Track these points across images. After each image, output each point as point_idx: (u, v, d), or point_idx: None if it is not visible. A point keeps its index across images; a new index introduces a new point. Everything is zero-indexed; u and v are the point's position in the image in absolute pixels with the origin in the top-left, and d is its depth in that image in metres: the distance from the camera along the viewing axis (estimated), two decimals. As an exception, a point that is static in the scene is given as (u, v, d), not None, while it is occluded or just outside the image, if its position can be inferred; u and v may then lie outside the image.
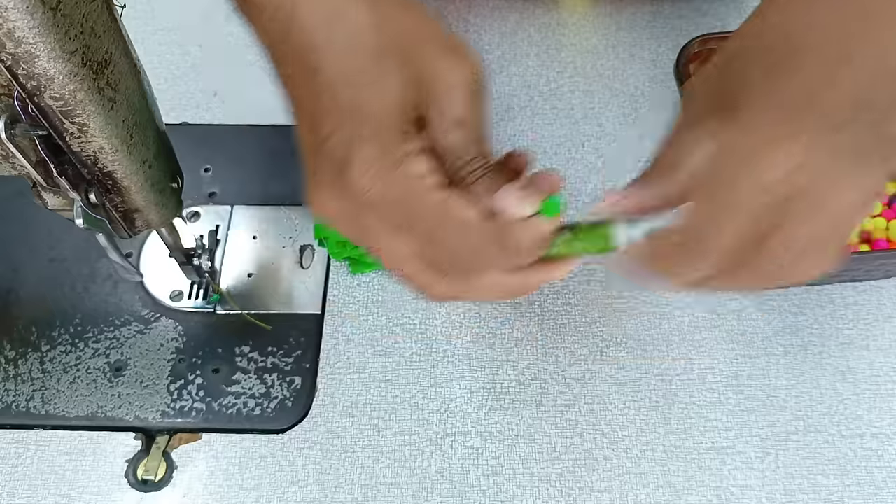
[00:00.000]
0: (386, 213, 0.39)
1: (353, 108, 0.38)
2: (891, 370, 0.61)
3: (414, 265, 0.41)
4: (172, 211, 0.52)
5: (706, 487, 0.57)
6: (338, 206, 0.40)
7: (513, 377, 0.61)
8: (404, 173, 0.38)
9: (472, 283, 0.42)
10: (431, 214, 0.38)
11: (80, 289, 0.66)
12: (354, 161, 0.38)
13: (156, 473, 0.58)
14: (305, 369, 0.62)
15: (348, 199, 0.39)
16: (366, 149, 0.38)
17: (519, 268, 0.41)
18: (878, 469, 0.57)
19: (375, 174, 0.38)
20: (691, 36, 0.70)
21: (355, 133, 0.38)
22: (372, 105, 0.38)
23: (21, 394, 0.61)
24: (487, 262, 0.40)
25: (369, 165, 0.38)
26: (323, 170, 0.40)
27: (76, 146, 0.42)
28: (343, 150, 0.38)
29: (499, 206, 0.39)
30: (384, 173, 0.38)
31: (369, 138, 0.38)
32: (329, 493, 0.58)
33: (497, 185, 0.40)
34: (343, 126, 0.38)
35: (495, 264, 0.41)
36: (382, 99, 0.38)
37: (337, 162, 0.38)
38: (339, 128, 0.38)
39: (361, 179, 0.38)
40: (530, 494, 0.57)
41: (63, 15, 0.36)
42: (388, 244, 0.40)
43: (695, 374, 0.61)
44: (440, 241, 0.39)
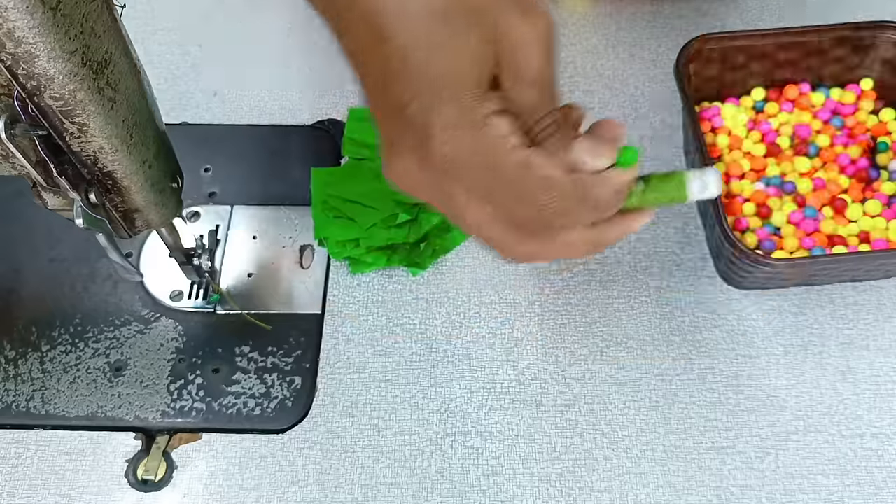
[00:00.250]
0: (470, 177, 0.39)
1: (430, 73, 0.37)
2: (891, 370, 0.61)
3: (497, 227, 0.41)
4: (172, 211, 0.52)
5: (706, 487, 0.57)
6: (419, 175, 0.40)
7: (513, 377, 0.61)
8: (487, 135, 0.38)
9: (555, 241, 0.42)
10: (516, 175, 0.38)
11: (80, 289, 0.66)
12: (436, 127, 0.37)
13: (156, 473, 0.58)
14: (305, 369, 0.62)
15: (431, 168, 0.39)
16: (446, 113, 0.37)
17: (600, 222, 0.42)
18: (878, 469, 0.57)
19: (459, 139, 0.38)
20: (691, 36, 0.69)
21: (434, 98, 0.37)
22: (448, 68, 0.37)
23: (21, 394, 0.61)
24: (572, 218, 0.41)
25: (452, 130, 0.37)
26: (402, 140, 0.39)
27: (76, 146, 0.42)
28: (423, 118, 0.38)
29: (576, 160, 0.39)
30: (467, 137, 0.38)
31: (449, 102, 0.37)
32: (329, 493, 0.58)
33: (570, 140, 0.40)
34: (420, 92, 0.37)
35: (579, 220, 0.41)
36: (458, 61, 0.37)
37: (418, 130, 0.38)
38: (416, 95, 0.37)
39: (444, 147, 0.38)
40: (530, 494, 0.57)
41: (63, 15, 0.36)
42: (471, 208, 0.40)
43: (695, 373, 0.61)
44: (525, 201, 0.39)
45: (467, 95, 0.37)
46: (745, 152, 0.67)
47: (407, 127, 0.38)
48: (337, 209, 0.66)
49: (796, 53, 0.67)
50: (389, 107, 0.39)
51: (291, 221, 0.69)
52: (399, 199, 0.65)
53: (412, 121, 0.38)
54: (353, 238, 0.65)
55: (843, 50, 0.67)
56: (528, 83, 0.38)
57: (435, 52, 0.37)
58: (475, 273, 0.66)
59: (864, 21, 0.66)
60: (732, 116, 0.68)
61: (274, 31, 0.81)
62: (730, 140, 0.67)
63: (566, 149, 0.39)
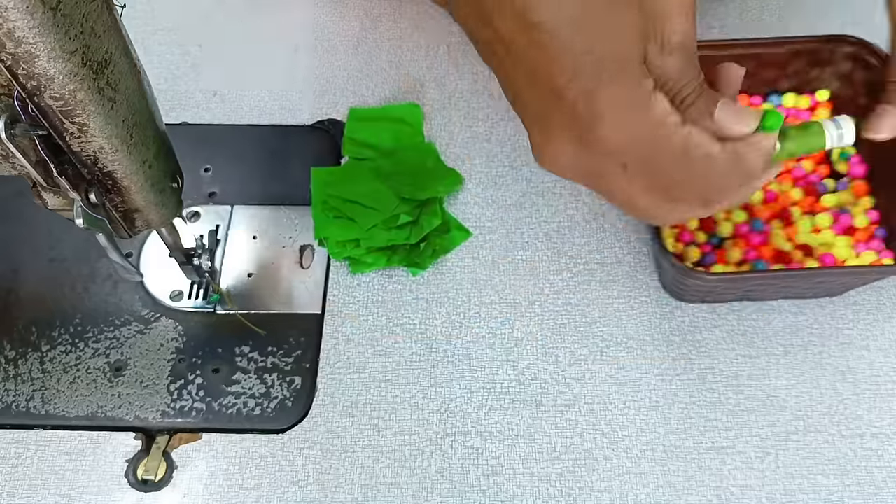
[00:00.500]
0: (633, 155, 0.39)
1: (587, 54, 0.36)
2: (891, 370, 0.61)
3: (650, 198, 0.42)
4: (172, 211, 0.52)
5: (706, 487, 0.57)
6: (575, 158, 0.40)
7: (513, 377, 0.62)
8: (652, 114, 0.38)
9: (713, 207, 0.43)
10: (680, 151, 0.39)
11: (80, 289, 0.66)
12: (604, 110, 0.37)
13: (156, 473, 0.58)
14: (305, 369, 0.62)
15: (592, 150, 0.39)
16: (612, 94, 0.37)
17: None
18: (878, 469, 0.58)
19: (627, 120, 0.38)
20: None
21: (595, 80, 0.37)
22: (606, 47, 0.37)
23: (21, 394, 0.62)
24: (732, 187, 0.41)
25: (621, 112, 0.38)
26: (559, 124, 0.39)
27: (76, 146, 0.42)
28: (586, 101, 0.37)
29: (723, 127, 0.40)
30: (634, 117, 0.38)
31: (612, 83, 0.37)
32: (329, 493, 0.58)
33: (713, 103, 0.40)
34: (578, 74, 0.37)
35: (733, 188, 0.42)
36: (615, 39, 0.37)
37: (580, 114, 0.38)
38: (574, 77, 0.37)
39: (612, 129, 0.38)
40: (530, 494, 0.57)
41: (63, 15, 0.36)
42: (625, 183, 0.41)
43: (694, 373, 0.61)
44: (687, 176, 0.40)
45: (630, 73, 0.37)
46: None
47: (565, 111, 0.38)
48: (337, 209, 0.66)
49: (752, 65, 0.66)
50: (541, 93, 0.38)
51: (291, 221, 0.69)
52: (400, 200, 0.66)
53: (572, 105, 0.38)
54: (353, 238, 0.65)
55: (800, 63, 0.66)
56: (673, 50, 0.38)
57: (590, 32, 0.36)
58: (475, 273, 0.66)
59: (821, 35, 0.65)
60: None
61: (274, 31, 0.81)
62: None
63: (707, 113, 0.40)
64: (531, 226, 0.68)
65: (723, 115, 0.40)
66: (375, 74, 0.77)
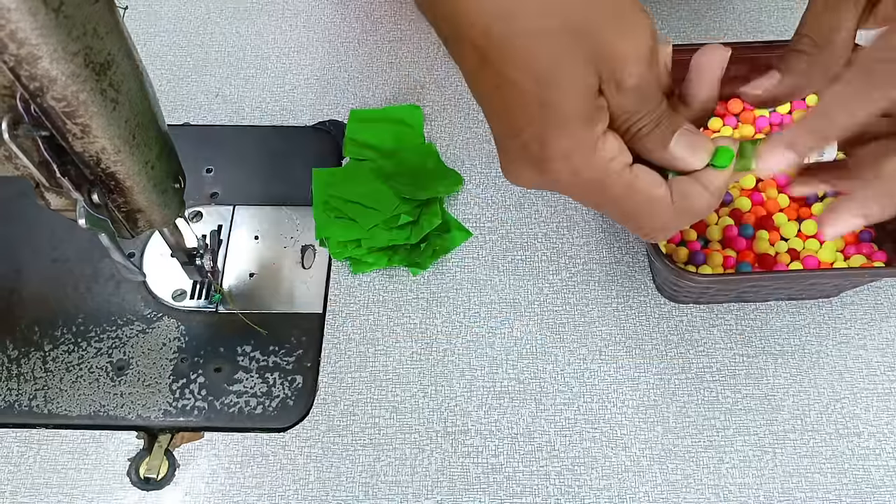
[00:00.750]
0: (582, 194, 0.41)
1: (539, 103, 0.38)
2: (888, 369, 0.61)
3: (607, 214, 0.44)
4: (175, 211, 0.52)
5: (704, 486, 0.57)
6: (537, 181, 0.42)
7: (512, 376, 0.62)
8: (598, 159, 0.39)
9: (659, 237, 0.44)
10: (623, 194, 0.40)
11: (82, 289, 0.66)
12: (551, 157, 0.39)
13: (158, 472, 0.59)
14: (307, 368, 0.63)
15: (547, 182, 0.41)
16: (559, 143, 0.38)
17: None
18: (875, 468, 0.58)
19: (573, 165, 0.39)
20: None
21: (546, 128, 0.38)
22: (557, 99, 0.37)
23: (24, 393, 0.62)
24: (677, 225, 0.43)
25: (565, 160, 0.39)
26: (520, 158, 0.41)
27: (79, 147, 0.42)
28: (538, 145, 0.39)
29: (676, 160, 0.41)
30: (580, 162, 0.39)
31: (561, 132, 0.38)
32: (330, 491, 0.58)
33: (670, 134, 0.40)
34: (532, 121, 0.38)
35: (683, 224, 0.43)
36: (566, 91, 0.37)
37: (533, 156, 0.40)
38: (529, 123, 0.39)
39: (560, 173, 0.40)
40: (530, 492, 0.58)
41: (65, 16, 0.36)
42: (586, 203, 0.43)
43: (693, 372, 0.62)
44: (630, 216, 0.42)
45: (578, 123, 0.38)
46: None
47: (522, 151, 0.40)
48: (338, 210, 0.66)
49: (745, 69, 0.66)
50: (504, 126, 0.40)
51: (293, 222, 0.69)
52: (401, 200, 0.66)
53: (527, 147, 0.40)
54: (354, 238, 0.65)
55: None
56: (629, 92, 0.38)
57: (542, 83, 0.37)
58: (475, 273, 0.66)
59: None
60: None
61: (275, 33, 0.81)
62: None
63: (663, 145, 0.40)
64: (531, 226, 0.68)
65: (677, 148, 0.40)
66: (376, 76, 0.77)
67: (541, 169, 0.40)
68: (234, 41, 0.81)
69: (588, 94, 0.38)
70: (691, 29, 0.79)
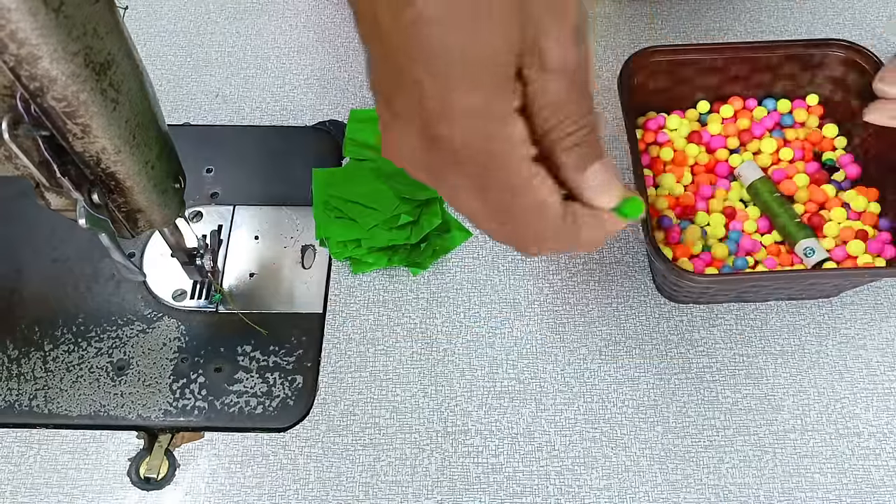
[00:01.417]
0: (472, 170, 0.36)
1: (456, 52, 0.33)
2: (888, 369, 0.61)
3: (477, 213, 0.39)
4: (175, 211, 0.52)
5: (704, 486, 0.57)
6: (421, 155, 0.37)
7: (512, 376, 0.62)
8: (503, 134, 0.35)
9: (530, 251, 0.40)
10: (515, 186, 0.36)
11: (82, 289, 0.66)
12: (455, 112, 0.34)
13: (158, 472, 0.59)
14: (307, 368, 0.63)
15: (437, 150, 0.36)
16: (468, 99, 0.34)
17: None
18: (875, 468, 0.58)
19: (475, 129, 0.35)
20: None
21: (456, 80, 0.34)
22: (477, 51, 0.33)
23: (24, 393, 0.62)
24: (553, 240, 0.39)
25: (471, 119, 0.34)
26: (410, 116, 0.36)
27: (79, 147, 0.42)
28: (441, 98, 0.34)
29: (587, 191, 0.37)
30: (484, 129, 0.35)
31: (472, 88, 0.34)
32: (330, 491, 0.58)
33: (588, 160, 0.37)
34: (438, 72, 0.34)
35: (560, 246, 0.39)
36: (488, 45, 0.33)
37: (428, 111, 0.35)
38: (436, 73, 0.34)
39: (458, 133, 0.35)
40: (530, 492, 0.58)
41: (66, 16, 0.36)
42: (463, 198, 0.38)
43: (693, 372, 0.62)
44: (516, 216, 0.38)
45: (495, 83, 0.34)
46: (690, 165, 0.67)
47: (419, 104, 0.35)
48: (338, 210, 0.66)
49: (746, 68, 0.67)
50: (401, 79, 0.35)
51: (293, 222, 0.69)
52: (401, 200, 0.66)
53: (423, 101, 0.35)
54: (354, 238, 0.65)
55: (793, 66, 0.66)
56: (554, 73, 0.35)
57: (464, 31, 0.33)
58: (475, 273, 0.66)
59: (813, 38, 0.66)
60: (675, 128, 0.68)
61: (275, 33, 0.81)
62: (674, 154, 0.66)
63: (578, 169, 0.37)
64: (531, 226, 0.68)
65: (593, 178, 0.37)
66: (376, 76, 0.77)
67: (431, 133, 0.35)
68: (234, 41, 0.81)
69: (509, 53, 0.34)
70: (691, 29, 0.79)
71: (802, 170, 0.65)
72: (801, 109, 0.68)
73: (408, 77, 0.35)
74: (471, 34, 0.33)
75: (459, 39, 0.33)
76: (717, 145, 0.67)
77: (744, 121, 0.67)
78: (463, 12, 0.33)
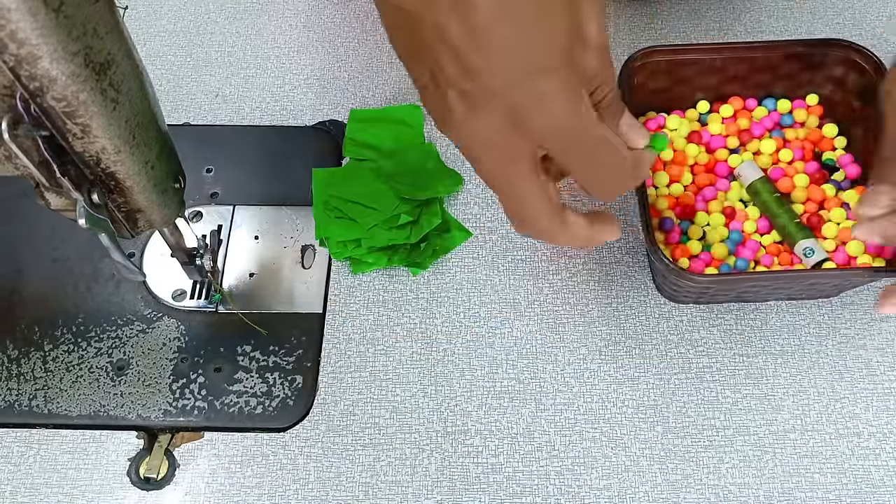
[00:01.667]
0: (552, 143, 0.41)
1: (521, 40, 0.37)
2: (887, 369, 0.61)
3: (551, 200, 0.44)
4: (175, 211, 0.52)
5: (704, 486, 0.57)
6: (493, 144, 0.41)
7: (512, 376, 0.62)
8: (579, 109, 0.40)
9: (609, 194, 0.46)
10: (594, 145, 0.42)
11: (82, 288, 0.66)
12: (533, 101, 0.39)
13: (158, 472, 0.59)
14: (307, 368, 0.63)
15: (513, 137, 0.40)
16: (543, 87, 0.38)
17: None
18: (875, 468, 0.58)
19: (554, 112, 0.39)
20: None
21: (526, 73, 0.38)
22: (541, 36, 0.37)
23: (24, 393, 0.62)
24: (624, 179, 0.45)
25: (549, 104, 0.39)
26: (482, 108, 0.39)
27: (79, 147, 0.42)
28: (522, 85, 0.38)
29: (626, 133, 0.45)
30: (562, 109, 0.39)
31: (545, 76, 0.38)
32: (330, 491, 0.58)
33: (620, 113, 0.45)
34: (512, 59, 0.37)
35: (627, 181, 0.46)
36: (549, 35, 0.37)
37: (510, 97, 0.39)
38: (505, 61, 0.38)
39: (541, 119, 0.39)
40: (530, 492, 0.58)
41: (65, 16, 0.36)
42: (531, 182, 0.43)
43: (692, 372, 0.62)
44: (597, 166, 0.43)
45: (565, 67, 0.38)
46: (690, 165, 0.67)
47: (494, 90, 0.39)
48: (338, 209, 0.66)
49: (745, 68, 0.66)
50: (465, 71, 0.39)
51: (293, 221, 0.69)
52: (401, 200, 0.66)
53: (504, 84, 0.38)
54: (354, 238, 0.65)
55: (792, 66, 0.66)
56: (593, 49, 0.40)
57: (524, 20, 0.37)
58: (475, 273, 0.66)
59: (813, 38, 0.66)
60: (675, 128, 0.67)
61: (276, 33, 0.81)
62: (675, 154, 0.66)
63: (616, 118, 0.45)
64: (531, 226, 0.68)
65: (629, 124, 0.46)
66: (376, 76, 0.77)
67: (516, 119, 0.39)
68: (234, 41, 0.81)
69: (570, 38, 0.39)
70: (691, 29, 0.79)
71: (802, 170, 0.65)
72: (801, 109, 0.68)
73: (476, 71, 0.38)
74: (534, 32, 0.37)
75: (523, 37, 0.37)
76: (716, 145, 0.66)
77: (743, 121, 0.67)
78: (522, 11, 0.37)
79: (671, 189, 0.65)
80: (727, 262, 0.62)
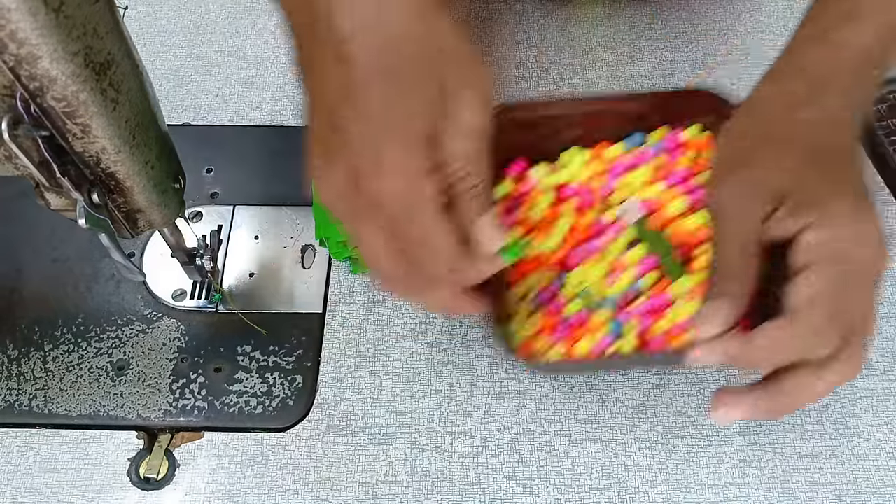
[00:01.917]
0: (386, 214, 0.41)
1: (384, 108, 0.38)
2: (887, 369, 0.61)
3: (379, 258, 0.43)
4: (174, 211, 0.52)
5: (704, 486, 0.57)
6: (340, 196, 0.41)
7: (512, 376, 0.62)
8: (419, 189, 0.40)
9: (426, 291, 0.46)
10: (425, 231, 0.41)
11: (82, 289, 0.66)
12: (378, 163, 0.39)
13: (158, 472, 0.59)
14: (307, 368, 0.63)
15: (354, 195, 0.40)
16: (391, 153, 0.39)
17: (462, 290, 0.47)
18: (875, 468, 0.58)
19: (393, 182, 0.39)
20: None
21: (382, 133, 0.38)
22: (403, 111, 0.38)
23: (24, 393, 0.62)
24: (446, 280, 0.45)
25: (391, 173, 0.39)
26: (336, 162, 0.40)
27: (79, 147, 0.42)
28: (368, 151, 0.39)
29: (478, 235, 0.43)
30: (402, 182, 0.39)
31: (396, 144, 0.39)
32: (330, 491, 0.58)
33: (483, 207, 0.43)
34: (370, 121, 0.38)
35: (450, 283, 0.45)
36: (413, 108, 0.38)
37: (356, 158, 0.39)
38: (364, 125, 0.39)
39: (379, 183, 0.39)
40: (530, 492, 0.58)
41: (65, 16, 0.36)
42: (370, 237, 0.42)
43: (693, 372, 0.62)
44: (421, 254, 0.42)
45: (417, 142, 0.39)
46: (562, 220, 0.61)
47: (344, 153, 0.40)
48: (338, 209, 0.66)
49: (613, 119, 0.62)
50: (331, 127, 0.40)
51: (293, 221, 0.69)
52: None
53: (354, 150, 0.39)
54: (353, 238, 0.65)
55: (660, 116, 0.62)
56: (467, 137, 0.40)
57: (394, 92, 0.38)
58: (475, 273, 0.66)
59: (680, 88, 0.65)
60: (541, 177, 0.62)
61: (275, 33, 0.81)
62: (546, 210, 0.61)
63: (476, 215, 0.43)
64: (531, 226, 0.68)
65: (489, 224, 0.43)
66: (376, 75, 0.77)
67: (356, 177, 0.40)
68: (234, 41, 0.81)
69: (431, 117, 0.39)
70: (691, 29, 0.79)
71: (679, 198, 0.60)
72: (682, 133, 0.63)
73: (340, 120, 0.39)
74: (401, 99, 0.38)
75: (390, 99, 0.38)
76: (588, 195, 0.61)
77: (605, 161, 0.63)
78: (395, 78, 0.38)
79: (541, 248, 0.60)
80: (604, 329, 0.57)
